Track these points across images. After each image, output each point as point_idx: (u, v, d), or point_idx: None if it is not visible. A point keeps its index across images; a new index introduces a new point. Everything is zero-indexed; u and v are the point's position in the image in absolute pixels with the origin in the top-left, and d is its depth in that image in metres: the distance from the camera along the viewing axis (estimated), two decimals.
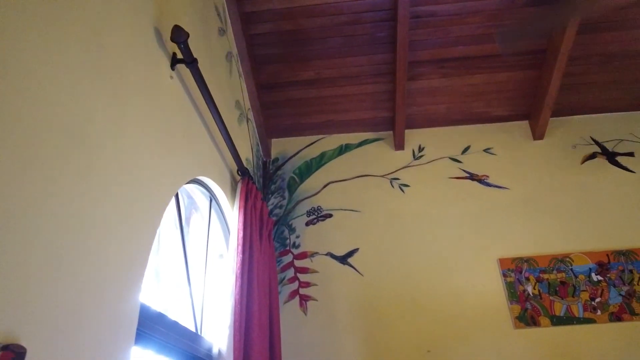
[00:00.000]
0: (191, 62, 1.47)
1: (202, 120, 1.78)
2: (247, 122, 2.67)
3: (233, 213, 2.05)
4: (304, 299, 2.67)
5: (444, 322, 2.49)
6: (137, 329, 1.16)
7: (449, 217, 2.77)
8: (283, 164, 3.10)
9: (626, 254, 2.50)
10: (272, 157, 3.13)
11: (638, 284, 2.41)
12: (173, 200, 1.69)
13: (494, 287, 2.54)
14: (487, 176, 2.85)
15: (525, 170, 2.84)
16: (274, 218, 2.90)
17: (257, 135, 2.90)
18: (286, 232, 2.88)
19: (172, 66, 1.48)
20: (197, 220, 2.06)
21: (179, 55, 1.51)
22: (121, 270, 1.05)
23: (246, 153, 2.57)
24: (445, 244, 2.69)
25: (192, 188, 1.93)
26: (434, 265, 2.65)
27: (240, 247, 1.91)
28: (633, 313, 2.37)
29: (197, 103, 1.72)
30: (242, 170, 2.13)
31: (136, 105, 1.21)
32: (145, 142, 1.23)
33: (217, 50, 2.17)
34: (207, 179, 1.89)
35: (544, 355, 2.36)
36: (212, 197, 2.06)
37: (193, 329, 1.76)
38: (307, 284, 2.71)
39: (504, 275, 2.55)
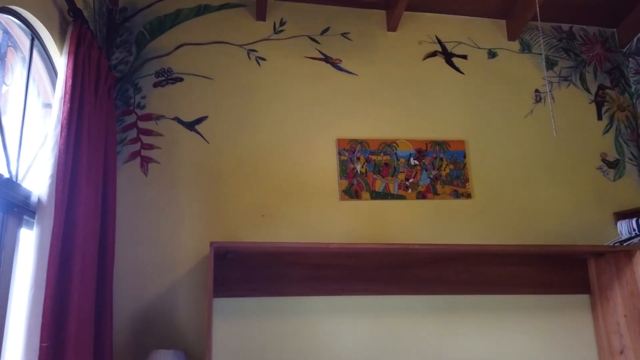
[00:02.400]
0: None
1: None
2: None
3: (61, 59, 1.87)
4: (146, 160, 2.65)
5: (280, 191, 2.70)
6: None
7: (299, 95, 2.87)
8: (132, 16, 2.83)
9: (441, 144, 2.89)
10: (120, 5, 2.82)
11: (444, 170, 2.85)
12: None
13: (329, 164, 2.79)
14: (340, 60, 2.96)
15: (374, 59, 3.00)
16: (118, 74, 2.71)
17: None
18: (131, 90, 2.72)
19: None
20: (18, 62, 1.84)
21: None
22: None
23: None
24: (292, 120, 2.82)
25: (8, 21, 1.69)
26: (278, 139, 2.78)
27: (68, 96, 1.79)
28: (436, 193, 2.82)
29: None
30: (74, 12, 1.90)
31: None
32: None
33: None
34: (26, 14, 1.66)
35: (363, 223, 2.73)
36: (35, 37, 1.83)
37: (7, 176, 1.66)
38: (151, 146, 2.67)
39: (339, 154, 2.80)
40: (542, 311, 2.70)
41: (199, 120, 2.75)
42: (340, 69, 2.95)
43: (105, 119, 2.23)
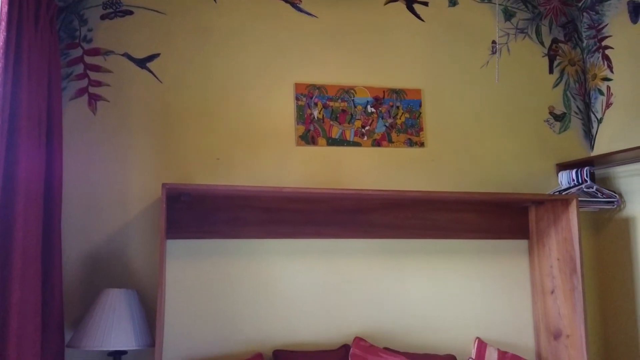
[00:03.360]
0: None
1: None
2: None
3: None
4: (94, 98, 2.54)
5: (235, 134, 2.67)
6: None
7: (256, 35, 2.78)
8: None
9: (398, 92, 2.91)
10: None
11: (399, 118, 2.88)
12: None
13: (286, 109, 2.76)
14: (300, 0, 2.87)
15: (335, 0, 2.92)
16: (60, 3, 2.52)
17: None
18: (76, 22, 2.56)
19: None
20: None
21: None
22: None
23: None
24: (248, 62, 2.75)
25: None
26: (234, 81, 2.71)
27: (3, 24, 1.67)
28: (390, 141, 2.86)
29: None
30: None
31: None
32: None
33: None
34: None
35: (319, 169, 2.76)
36: None
37: None
38: (99, 83, 2.56)
39: (297, 99, 2.78)
40: (484, 254, 2.87)
41: (151, 58, 2.63)
42: (300, 10, 2.87)
43: (48, 51, 2.11)
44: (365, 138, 2.84)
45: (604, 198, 2.81)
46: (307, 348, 2.52)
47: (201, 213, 2.53)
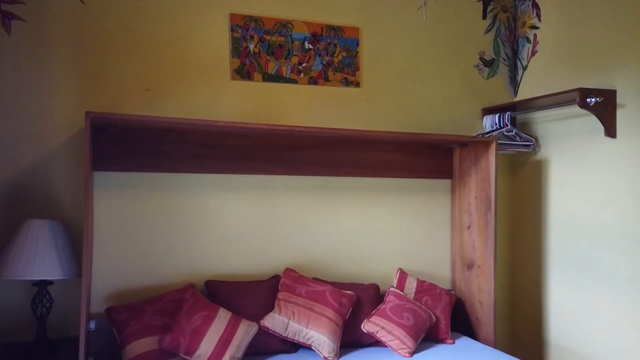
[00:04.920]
0: None
1: None
2: None
3: None
4: (8, 17, 2.33)
5: (166, 64, 2.57)
6: None
7: None
8: None
9: (336, 29, 2.88)
10: None
11: (336, 57, 2.88)
12: None
13: (220, 40, 2.67)
14: None
15: None
16: None
17: None
18: None
19: None
20: None
21: None
22: None
23: None
24: None
25: None
26: (165, 7, 2.57)
27: None
28: (327, 80, 2.87)
29: None
30: None
31: None
32: None
33: None
34: None
35: (254, 106, 2.74)
36: None
37: None
38: (12, 0, 2.34)
39: (232, 30, 2.69)
40: (410, 192, 3.03)
41: None
42: None
43: None
44: (302, 75, 2.83)
45: (521, 142, 3.02)
46: (239, 279, 2.61)
47: (132, 146, 2.47)
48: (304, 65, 2.83)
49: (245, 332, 2.30)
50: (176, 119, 2.31)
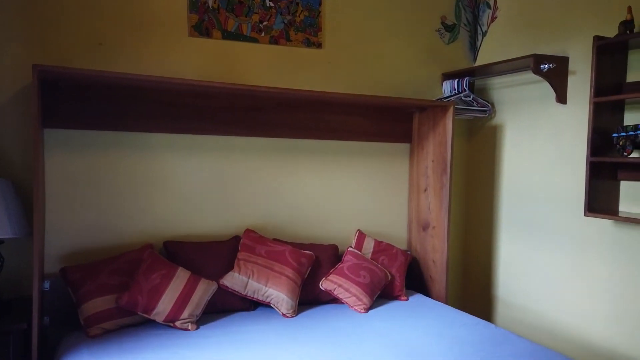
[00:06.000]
0: None
1: None
2: None
3: None
4: None
5: (120, 18, 2.47)
6: None
7: None
8: None
9: None
10: None
11: (298, 16, 2.83)
12: None
13: None
14: None
15: None
16: None
17: None
18: None
19: None
20: None
21: None
22: None
23: None
24: None
25: None
26: None
27: None
28: (288, 39, 2.83)
29: None
30: None
31: None
32: None
33: None
34: None
35: (213, 64, 2.67)
36: None
37: None
38: None
39: None
40: (370, 156, 3.08)
41: None
42: None
43: None
44: (263, 34, 2.77)
45: (478, 107, 3.09)
46: (199, 240, 2.62)
47: (85, 103, 2.38)
48: (265, 23, 2.77)
49: (204, 290, 2.32)
50: (131, 74, 2.24)
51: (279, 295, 2.45)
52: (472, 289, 3.34)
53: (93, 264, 2.28)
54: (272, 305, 2.49)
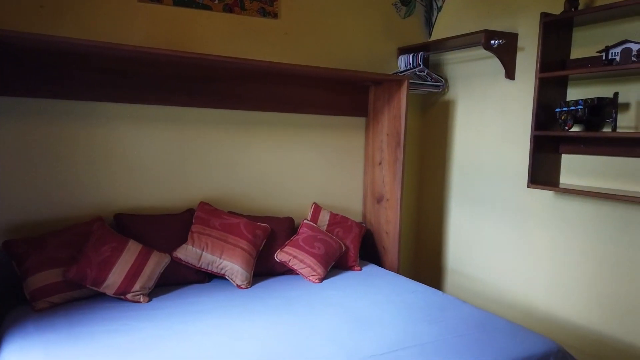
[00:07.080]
0: None
1: None
2: None
3: None
4: None
5: None
6: None
7: None
8: None
9: None
10: None
11: None
12: None
13: None
14: None
15: None
16: None
17: None
18: None
19: None
20: None
21: None
22: None
23: None
24: None
25: None
26: None
27: None
28: (243, 8, 2.77)
29: None
30: None
31: None
32: None
33: None
34: None
35: (163, 32, 2.58)
36: None
37: None
38: None
39: None
40: (326, 129, 3.09)
41: None
42: None
43: None
44: (216, 1, 2.70)
45: (432, 82, 3.14)
46: (151, 212, 2.57)
47: (27, 69, 2.26)
48: None
49: (156, 263, 2.30)
50: (76, 39, 2.13)
51: (233, 266, 2.46)
52: (424, 259, 3.45)
53: (39, 237, 2.21)
54: (226, 277, 2.49)
